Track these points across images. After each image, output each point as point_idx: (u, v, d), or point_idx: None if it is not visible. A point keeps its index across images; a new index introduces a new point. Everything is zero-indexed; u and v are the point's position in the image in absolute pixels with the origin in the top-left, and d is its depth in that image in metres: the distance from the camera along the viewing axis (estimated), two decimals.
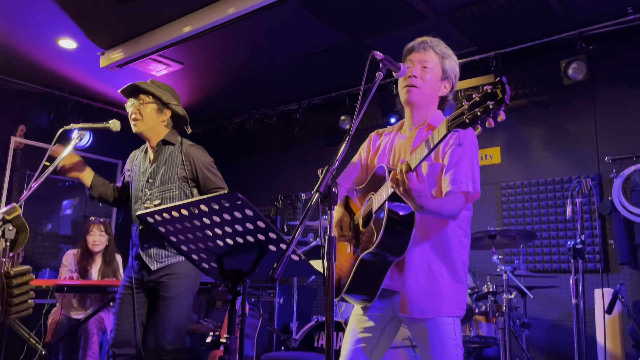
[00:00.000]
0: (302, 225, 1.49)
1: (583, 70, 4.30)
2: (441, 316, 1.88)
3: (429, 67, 2.03)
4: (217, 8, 4.18)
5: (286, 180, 6.50)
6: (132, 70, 5.18)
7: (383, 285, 1.90)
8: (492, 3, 4.08)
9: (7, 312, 1.86)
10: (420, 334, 1.91)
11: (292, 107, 6.26)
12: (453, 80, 2.10)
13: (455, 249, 1.94)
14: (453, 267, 1.93)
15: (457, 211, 1.86)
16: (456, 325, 1.91)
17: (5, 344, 2.09)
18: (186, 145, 2.89)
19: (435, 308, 1.88)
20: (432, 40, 2.09)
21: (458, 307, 1.92)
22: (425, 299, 1.88)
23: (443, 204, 1.83)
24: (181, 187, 2.81)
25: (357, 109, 1.70)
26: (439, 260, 1.91)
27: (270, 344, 5.11)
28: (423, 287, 1.89)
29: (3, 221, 1.95)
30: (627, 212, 4.13)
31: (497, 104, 1.43)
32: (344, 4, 4.10)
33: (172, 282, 2.74)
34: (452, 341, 1.88)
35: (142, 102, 2.87)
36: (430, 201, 1.71)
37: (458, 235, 1.96)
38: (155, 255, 2.76)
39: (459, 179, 1.87)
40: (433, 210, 1.74)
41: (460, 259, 1.95)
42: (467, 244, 2.01)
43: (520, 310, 4.14)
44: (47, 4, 4.20)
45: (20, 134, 5.66)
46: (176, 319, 2.72)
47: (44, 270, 5.64)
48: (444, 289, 1.89)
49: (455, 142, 1.91)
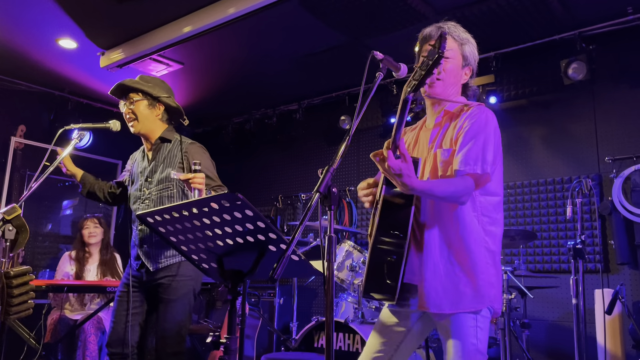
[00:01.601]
0: (302, 225, 1.49)
1: (583, 70, 4.30)
2: (460, 312, 1.78)
3: (449, 56, 1.92)
4: (217, 8, 4.18)
5: (286, 180, 6.50)
6: (132, 70, 5.18)
7: (405, 279, 1.83)
8: (492, 3, 4.08)
9: (7, 312, 1.86)
10: (443, 331, 1.83)
11: (292, 107, 6.26)
12: (473, 65, 2.00)
13: (476, 239, 1.82)
14: (475, 258, 1.80)
15: (458, 194, 1.75)
16: (479, 324, 1.78)
17: (5, 344, 2.09)
18: (186, 144, 2.84)
19: (453, 302, 1.78)
20: (449, 26, 1.96)
21: (480, 301, 1.78)
22: (443, 292, 1.79)
23: (435, 185, 1.75)
24: (179, 186, 2.77)
25: (357, 109, 1.68)
26: (457, 251, 1.81)
27: (270, 344, 5.11)
28: (441, 280, 1.80)
29: (3, 221, 1.95)
30: (627, 212, 4.13)
31: (435, 62, 1.55)
32: (344, 4, 4.10)
33: (173, 284, 2.70)
34: (472, 345, 1.77)
35: (132, 101, 2.82)
36: (417, 180, 1.64)
37: (482, 224, 1.84)
38: (154, 256, 2.73)
39: (466, 160, 1.78)
40: (422, 190, 1.67)
41: (483, 247, 1.82)
42: (494, 232, 1.87)
43: (520, 310, 4.14)
44: (47, 4, 4.20)
45: (20, 134, 5.66)
46: (177, 321, 2.69)
47: (44, 270, 5.64)
48: (464, 281, 1.79)
49: (465, 123, 1.84)
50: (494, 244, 1.87)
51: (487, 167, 1.79)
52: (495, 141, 1.85)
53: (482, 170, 1.77)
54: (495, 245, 1.87)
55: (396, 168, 1.59)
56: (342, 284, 3.97)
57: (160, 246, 2.73)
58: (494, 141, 1.84)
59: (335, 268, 1.97)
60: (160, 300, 2.70)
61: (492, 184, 1.88)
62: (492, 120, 1.87)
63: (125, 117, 2.86)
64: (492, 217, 1.88)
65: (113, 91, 2.89)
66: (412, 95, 1.62)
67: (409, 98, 1.62)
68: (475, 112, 1.88)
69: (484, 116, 1.86)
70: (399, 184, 1.65)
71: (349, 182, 5.82)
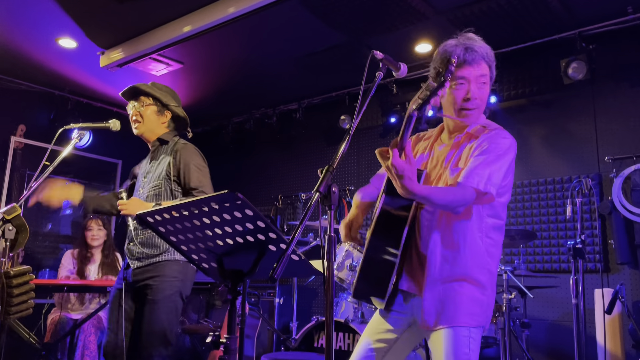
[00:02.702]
0: (302, 225, 1.49)
1: (583, 70, 4.30)
2: (455, 326, 1.78)
3: (486, 81, 1.85)
4: (217, 8, 4.18)
5: (286, 180, 6.50)
6: (132, 70, 5.18)
7: (401, 286, 1.85)
8: (492, 3, 4.08)
9: (7, 312, 1.85)
10: (434, 343, 1.83)
11: (292, 107, 6.26)
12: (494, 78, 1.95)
13: (480, 260, 1.82)
14: (475, 277, 1.81)
15: (455, 202, 1.72)
16: (472, 337, 1.78)
17: (5, 344, 2.09)
18: (179, 144, 2.86)
19: (450, 317, 1.78)
20: (479, 48, 1.85)
21: (474, 318, 1.80)
22: (442, 307, 1.79)
23: (434, 191, 1.72)
24: (167, 184, 2.77)
25: (357, 109, 1.68)
26: (459, 268, 1.80)
27: (270, 344, 5.11)
28: (439, 295, 1.80)
29: (3, 221, 1.95)
30: (627, 212, 4.13)
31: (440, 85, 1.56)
32: (344, 4, 4.10)
33: (156, 284, 2.64)
34: (465, 355, 1.76)
35: (143, 104, 2.87)
36: (417, 185, 1.62)
37: (486, 245, 1.84)
38: (137, 253, 2.71)
39: (470, 174, 1.75)
40: (422, 195, 1.65)
41: (486, 269, 1.83)
42: (495, 254, 1.88)
43: (520, 310, 4.14)
44: (47, 3, 4.20)
45: (20, 134, 5.66)
46: (160, 322, 2.62)
47: (44, 270, 5.64)
48: (464, 298, 1.79)
49: (484, 143, 1.81)
50: (494, 266, 1.88)
51: (491, 187, 1.75)
52: (509, 168, 1.82)
53: (484, 188, 1.73)
54: (495, 268, 1.88)
55: (399, 168, 1.57)
56: (342, 283, 3.95)
57: (144, 245, 2.70)
58: (507, 168, 1.81)
59: (335, 268, 1.96)
60: (146, 302, 2.65)
61: (500, 208, 1.88)
62: (513, 149, 1.83)
63: (131, 118, 2.89)
64: (495, 239, 1.87)
65: (124, 92, 2.92)
66: (416, 113, 1.59)
67: (414, 115, 1.59)
68: (497, 135, 1.84)
69: (508, 143, 1.82)
70: (399, 186, 1.63)
71: (349, 182, 5.82)
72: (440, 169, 1.95)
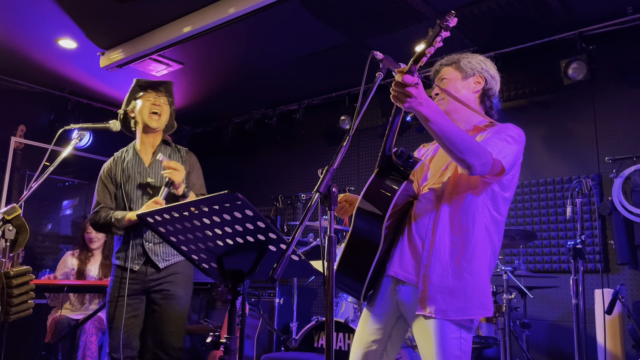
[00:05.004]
0: (302, 225, 1.49)
1: (583, 70, 4.30)
2: (448, 319, 1.77)
3: (445, 77, 2.04)
4: (217, 8, 4.18)
5: (286, 180, 6.50)
6: (132, 70, 5.18)
7: (391, 272, 1.86)
8: (492, 3, 4.08)
9: (7, 312, 1.85)
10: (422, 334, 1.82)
11: (292, 107, 6.26)
12: (480, 72, 2.02)
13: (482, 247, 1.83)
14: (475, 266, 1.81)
15: (475, 154, 1.67)
16: (463, 335, 1.78)
17: (5, 344, 2.09)
18: (184, 150, 3.04)
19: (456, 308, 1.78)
20: (442, 61, 2.11)
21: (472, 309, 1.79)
22: (441, 297, 1.78)
23: (457, 129, 1.66)
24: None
25: (357, 109, 1.69)
26: (465, 256, 1.81)
27: (270, 344, 5.11)
28: (442, 283, 1.79)
29: (3, 221, 1.95)
30: (627, 212, 4.13)
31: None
32: (344, 4, 4.10)
33: (177, 282, 2.77)
34: (457, 358, 1.77)
35: (168, 101, 2.97)
36: (438, 114, 1.63)
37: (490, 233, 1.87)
38: (163, 253, 2.77)
39: (485, 143, 1.81)
40: (440, 125, 1.62)
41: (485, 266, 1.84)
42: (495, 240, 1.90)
43: (520, 310, 4.14)
44: (47, 4, 4.20)
45: (20, 134, 5.66)
46: (180, 319, 2.76)
47: (44, 270, 5.64)
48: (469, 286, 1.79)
49: (497, 128, 1.91)
50: (494, 257, 1.90)
51: (503, 158, 1.77)
52: (517, 155, 1.88)
53: (497, 156, 1.75)
54: (495, 259, 1.91)
55: (410, 81, 1.58)
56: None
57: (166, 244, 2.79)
58: (517, 153, 1.87)
59: (335, 268, 1.97)
60: (166, 297, 2.74)
61: (502, 203, 1.91)
62: (523, 140, 1.92)
63: (154, 107, 2.91)
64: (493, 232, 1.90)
65: (161, 82, 3.00)
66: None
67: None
68: (507, 125, 1.94)
69: (518, 132, 1.92)
70: (410, 100, 1.60)
71: (349, 182, 5.82)
72: (447, 160, 1.98)
